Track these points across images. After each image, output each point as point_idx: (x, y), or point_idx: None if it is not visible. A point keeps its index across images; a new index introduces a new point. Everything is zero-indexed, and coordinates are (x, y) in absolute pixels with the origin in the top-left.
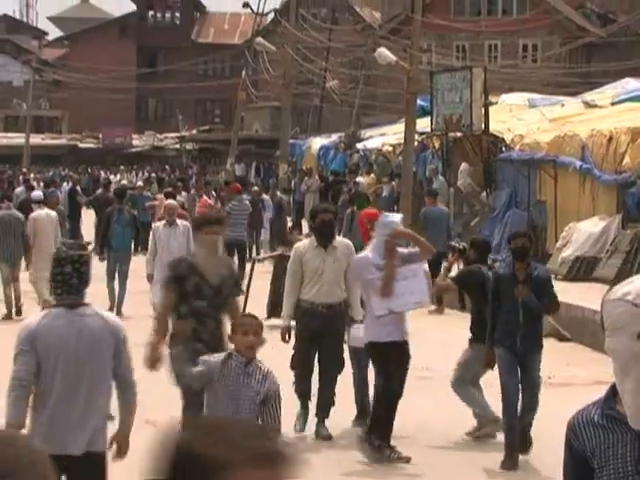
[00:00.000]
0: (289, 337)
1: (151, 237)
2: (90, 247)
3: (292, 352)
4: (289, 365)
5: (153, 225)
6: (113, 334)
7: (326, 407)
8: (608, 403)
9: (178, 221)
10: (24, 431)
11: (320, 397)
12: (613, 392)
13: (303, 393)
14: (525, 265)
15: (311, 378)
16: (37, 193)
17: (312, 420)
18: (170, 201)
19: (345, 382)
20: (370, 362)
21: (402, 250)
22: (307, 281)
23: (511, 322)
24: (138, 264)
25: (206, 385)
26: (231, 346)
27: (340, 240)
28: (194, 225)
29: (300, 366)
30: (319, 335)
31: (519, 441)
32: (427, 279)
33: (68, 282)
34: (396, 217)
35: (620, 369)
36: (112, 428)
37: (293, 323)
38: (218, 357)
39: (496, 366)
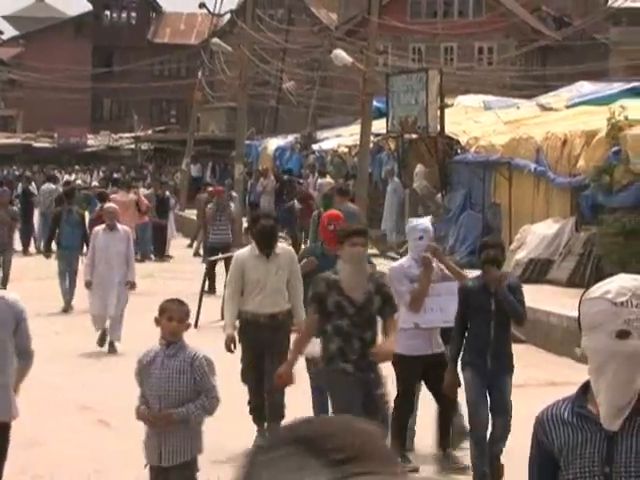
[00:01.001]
0: (234, 346)
1: (90, 242)
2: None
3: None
4: (241, 379)
5: (93, 230)
6: (14, 313)
7: (275, 419)
8: (579, 401)
9: (119, 226)
10: None
11: (269, 410)
12: (584, 390)
13: (257, 406)
14: None
15: (263, 392)
16: None
17: None
18: (109, 204)
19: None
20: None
21: (440, 265)
22: (249, 291)
23: (481, 339)
24: None
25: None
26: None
27: (282, 247)
28: (338, 237)
29: (250, 380)
30: (264, 346)
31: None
32: None
33: None
34: (424, 222)
35: (596, 368)
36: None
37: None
38: (147, 351)
39: (461, 390)
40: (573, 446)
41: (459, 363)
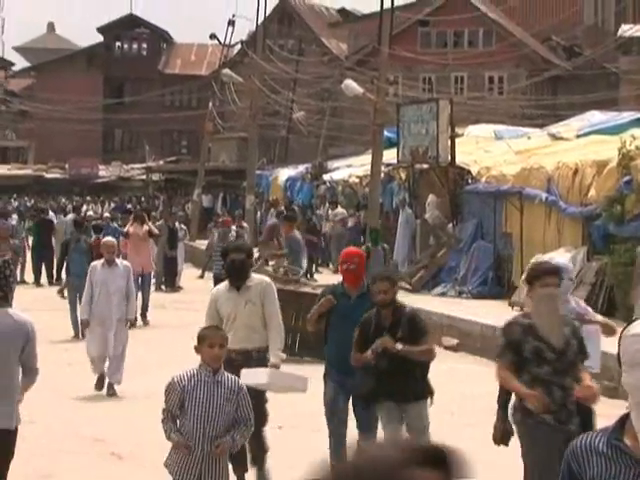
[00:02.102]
0: None
1: (87, 278)
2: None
3: None
4: None
5: (91, 265)
6: (22, 331)
7: (256, 459)
8: (615, 434)
9: (118, 261)
10: None
11: (250, 452)
12: (621, 424)
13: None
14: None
15: None
16: None
17: None
18: (108, 238)
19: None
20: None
21: (587, 311)
22: (222, 327)
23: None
24: None
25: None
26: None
27: (256, 278)
28: (527, 278)
29: None
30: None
31: None
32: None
33: None
34: (564, 261)
35: (636, 404)
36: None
37: None
38: (184, 374)
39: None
40: (606, 478)
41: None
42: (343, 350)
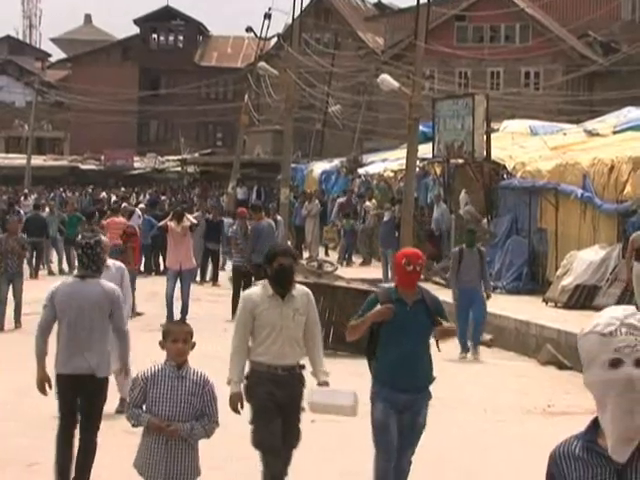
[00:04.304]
0: (242, 406)
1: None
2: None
3: (251, 428)
4: (252, 443)
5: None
6: (108, 297)
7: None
8: (589, 435)
9: (110, 262)
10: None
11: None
12: (595, 425)
13: (274, 477)
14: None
15: (280, 458)
16: None
17: None
18: (102, 237)
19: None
20: None
21: None
22: (262, 338)
23: None
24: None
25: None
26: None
27: (297, 287)
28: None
29: (268, 447)
30: (281, 405)
31: None
32: None
33: (80, 260)
34: None
35: (598, 401)
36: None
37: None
38: (148, 370)
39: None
40: None
41: None
42: (400, 366)
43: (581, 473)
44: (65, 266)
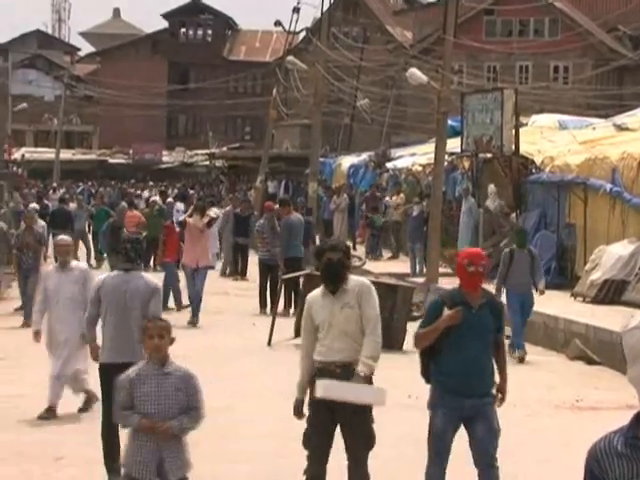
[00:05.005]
0: (301, 412)
1: (40, 283)
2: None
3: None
4: (302, 442)
5: (43, 270)
6: (150, 288)
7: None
8: (632, 431)
9: (74, 263)
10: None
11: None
12: (637, 420)
13: (313, 477)
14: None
15: (326, 462)
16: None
17: None
18: (62, 236)
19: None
20: None
21: None
22: (319, 337)
23: None
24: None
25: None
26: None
27: (355, 280)
28: None
29: (312, 445)
30: (336, 404)
31: None
32: None
33: (127, 254)
34: None
35: None
36: None
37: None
38: (132, 370)
39: None
40: (629, 479)
41: None
42: (466, 372)
43: (624, 470)
44: (93, 262)
